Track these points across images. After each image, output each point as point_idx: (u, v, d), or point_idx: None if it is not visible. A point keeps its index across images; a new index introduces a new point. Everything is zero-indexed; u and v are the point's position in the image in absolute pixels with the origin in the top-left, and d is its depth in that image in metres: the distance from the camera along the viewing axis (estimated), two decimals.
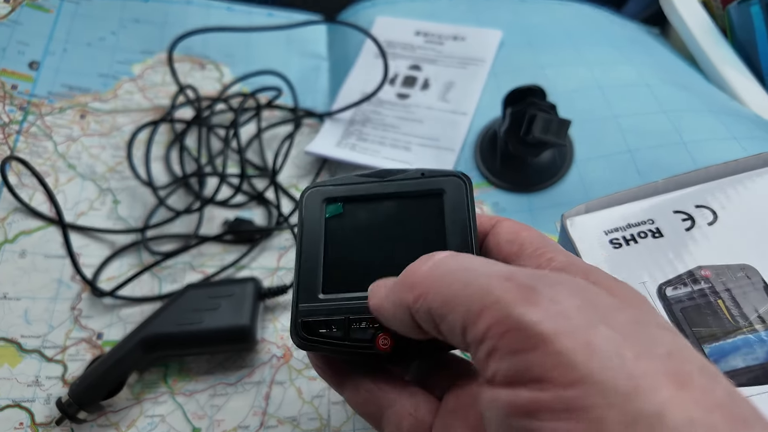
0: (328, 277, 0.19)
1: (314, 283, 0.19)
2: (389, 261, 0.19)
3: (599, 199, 0.26)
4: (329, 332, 0.18)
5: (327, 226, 0.20)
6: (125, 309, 0.33)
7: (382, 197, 0.21)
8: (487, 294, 0.13)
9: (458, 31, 0.45)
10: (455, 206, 0.20)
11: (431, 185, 0.20)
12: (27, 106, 0.39)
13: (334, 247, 0.20)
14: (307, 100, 0.43)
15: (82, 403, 0.28)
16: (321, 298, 0.19)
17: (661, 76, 0.42)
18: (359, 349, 0.18)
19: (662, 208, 0.26)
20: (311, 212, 0.21)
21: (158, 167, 0.39)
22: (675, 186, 0.27)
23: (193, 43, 0.44)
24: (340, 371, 0.19)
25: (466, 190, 0.20)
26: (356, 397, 0.19)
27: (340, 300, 0.19)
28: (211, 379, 0.31)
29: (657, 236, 0.25)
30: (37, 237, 0.34)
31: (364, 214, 0.20)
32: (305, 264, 0.20)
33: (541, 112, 0.29)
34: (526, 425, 0.12)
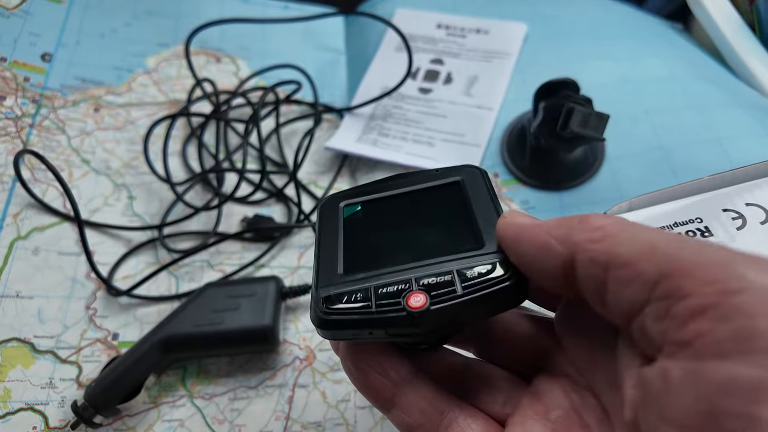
0: (348, 260, 0.18)
1: (334, 266, 0.18)
2: (414, 242, 0.18)
3: (643, 196, 0.25)
4: (352, 303, 0.16)
5: (346, 223, 0.20)
6: (141, 308, 0.32)
7: (400, 194, 0.20)
8: (706, 251, 0.11)
9: (481, 24, 0.43)
10: (475, 190, 0.19)
11: (447, 176, 0.20)
12: (40, 99, 0.38)
13: (353, 236, 0.19)
14: (325, 94, 0.42)
15: (99, 406, 0.27)
16: (341, 275, 0.18)
17: (690, 71, 0.41)
18: (387, 312, 0.16)
19: (710, 207, 0.25)
20: (329, 215, 0.20)
21: (175, 163, 0.38)
22: (721, 183, 0.26)
23: (208, 36, 0.43)
24: (384, 385, 0.17)
25: (482, 176, 0.20)
26: (407, 419, 0.16)
27: (362, 276, 0.17)
28: (231, 381, 0.30)
29: (706, 235, 0.24)
30: (51, 233, 0.33)
31: (383, 210, 0.20)
32: (324, 255, 0.19)
33: (579, 106, 0.28)
34: (744, 410, 0.09)
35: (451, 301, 0.15)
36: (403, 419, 0.16)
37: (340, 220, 0.20)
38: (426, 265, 0.17)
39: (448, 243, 0.18)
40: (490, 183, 0.19)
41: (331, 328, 0.16)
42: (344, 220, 0.20)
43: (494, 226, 0.17)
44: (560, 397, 0.16)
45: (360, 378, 0.17)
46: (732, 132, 0.36)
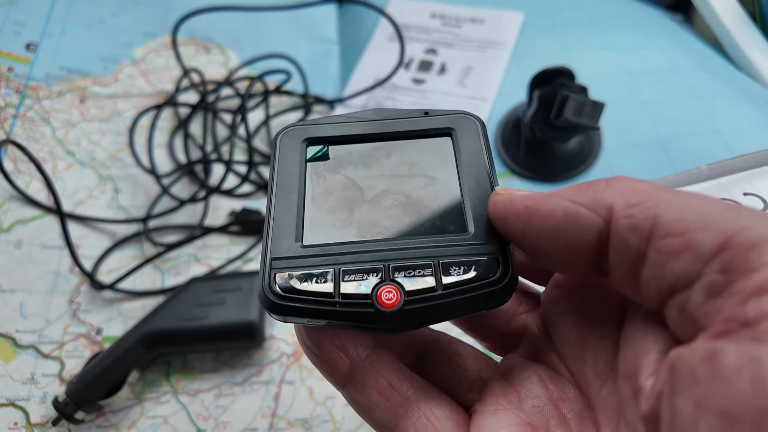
0: (310, 225, 0.15)
1: (290, 230, 0.15)
2: (389, 210, 0.15)
3: None
4: (311, 287, 0.13)
5: (309, 169, 0.16)
6: (126, 303, 0.31)
7: (377, 137, 0.17)
8: (761, 220, 0.10)
9: (476, 13, 0.42)
10: (468, 149, 0.16)
11: (438, 123, 0.17)
12: (24, 90, 0.37)
13: (316, 189, 0.16)
14: (317, 85, 0.41)
15: (80, 402, 0.26)
16: (300, 247, 0.14)
17: (690, 61, 0.40)
18: (353, 307, 0.13)
19: (731, 190, 0.24)
20: (288, 156, 0.16)
21: (161, 154, 0.37)
22: (720, 172, 0.25)
23: (197, 26, 0.42)
24: (340, 359, 0.14)
25: (479, 130, 0.16)
26: (363, 397, 0.14)
27: (325, 250, 0.14)
28: (216, 377, 0.29)
29: None
30: (34, 226, 0.33)
31: (355, 156, 0.16)
32: (279, 212, 0.15)
33: (573, 94, 0.27)
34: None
35: (429, 302, 0.13)
36: (359, 398, 0.15)
37: (301, 164, 0.16)
38: (402, 248, 0.14)
39: (430, 220, 0.15)
40: (487, 141, 0.16)
41: (283, 313, 0.14)
42: (307, 165, 0.16)
43: (486, 204, 0.14)
44: (536, 386, 0.14)
45: (314, 350, 0.15)
46: (732, 123, 0.35)
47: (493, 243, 0.14)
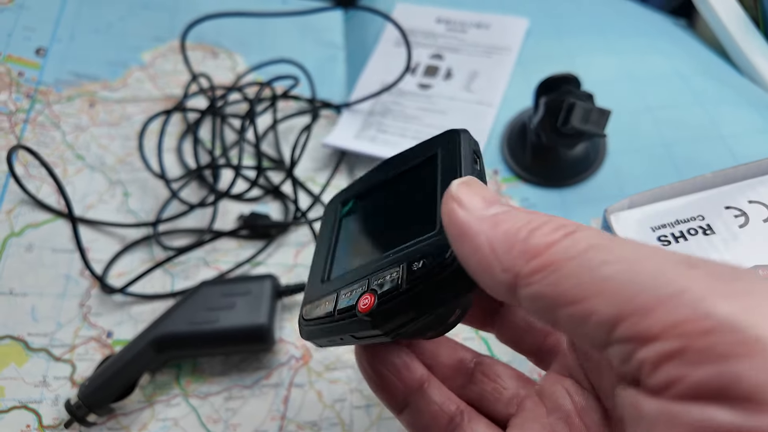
0: (332, 265, 0.19)
1: (319, 274, 0.19)
2: (382, 235, 0.18)
3: (643, 193, 0.24)
4: (321, 311, 0.17)
5: (341, 223, 0.20)
6: (136, 306, 0.31)
7: (386, 183, 0.19)
8: (667, 282, 0.10)
9: (482, 18, 0.43)
10: (447, 161, 0.16)
11: (426, 152, 0.18)
12: (34, 94, 0.37)
13: (342, 237, 0.20)
14: (323, 90, 0.41)
15: (92, 405, 0.26)
16: (322, 283, 0.18)
17: (694, 67, 0.40)
18: (345, 318, 0.15)
19: (712, 204, 0.24)
20: (329, 217, 0.21)
21: (170, 159, 0.38)
22: (724, 180, 0.25)
23: (205, 31, 0.43)
24: (396, 386, 0.16)
25: (457, 141, 0.17)
26: (418, 421, 0.16)
27: (336, 282, 0.18)
28: (226, 380, 0.29)
29: (708, 233, 0.23)
30: (45, 230, 0.33)
31: (373, 204, 0.20)
32: (315, 262, 0.19)
33: (579, 101, 0.27)
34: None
35: (397, 299, 0.14)
36: (415, 422, 0.17)
37: (336, 221, 0.20)
38: (383, 260, 0.16)
39: (409, 231, 0.16)
40: (467, 147, 0.16)
41: (309, 337, 0.17)
42: (340, 221, 0.20)
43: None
44: (563, 398, 0.15)
45: (374, 378, 0.17)
46: (736, 129, 0.35)
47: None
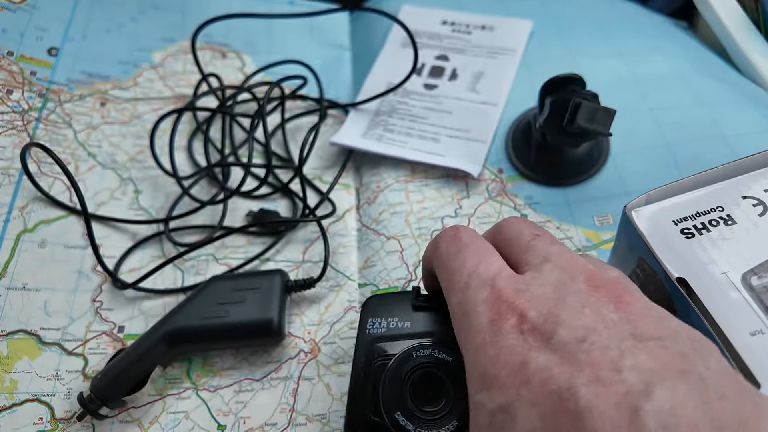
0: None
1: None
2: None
3: (659, 188, 0.25)
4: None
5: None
6: (147, 301, 0.32)
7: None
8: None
9: (486, 20, 0.43)
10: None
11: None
12: (46, 93, 0.38)
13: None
14: (330, 90, 0.42)
15: (105, 398, 0.27)
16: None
17: (695, 68, 0.41)
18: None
19: (729, 194, 0.24)
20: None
21: (181, 157, 0.38)
22: (736, 171, 0.25)
23: (214, 32, 0.43)
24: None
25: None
26: None
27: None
28: (236, 374, 0.30)
29: (730, 223, 0.23)
30: (57, 226, 0.33)
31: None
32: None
33: (585, 101, 0.28)
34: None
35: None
36: None
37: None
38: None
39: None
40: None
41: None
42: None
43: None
44: None
45: None
46: (737, 129, 0.36)
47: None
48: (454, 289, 0.18)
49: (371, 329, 0.23)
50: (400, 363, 0.20)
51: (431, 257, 0.21)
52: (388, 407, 0.19)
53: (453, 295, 0.18)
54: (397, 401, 0.20)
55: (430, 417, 0.19)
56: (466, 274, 0.18)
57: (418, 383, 0.20)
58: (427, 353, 0.20)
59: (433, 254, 0.21)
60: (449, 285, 0.19)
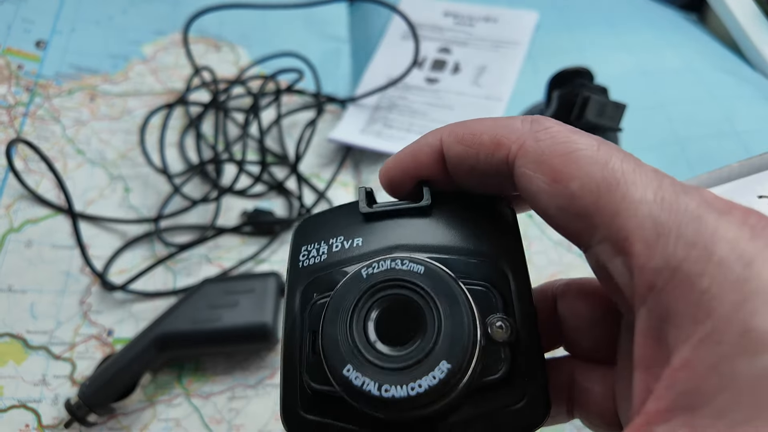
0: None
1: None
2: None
3: None
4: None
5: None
6: (137, 304, 0.31)
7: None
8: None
9: (490, 12, 0.42)
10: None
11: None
12: (34, 88, 0.37)
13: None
14: (328, 84, 0.41)
15: (93, 404, 0.26)
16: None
17: (706, 62, 0.40)
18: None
19: (744, 193, 0.23)
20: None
21: (172, 154, 0.37)
22: (750, 170, 0.24)
23: (207, 24, 0.42)
24: None
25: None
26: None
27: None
28: (229, 380, 0.29)
29: None
30: (44, 226, 0.32)
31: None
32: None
33: (594, 95, 0.26)
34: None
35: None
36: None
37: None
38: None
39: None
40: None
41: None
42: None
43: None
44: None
45: None
46: (749, 124, 0.34)
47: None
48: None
49: (306, 260, 0.15)
50: (345, 291, 0.13)
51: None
52: (332, 362, 0.12)
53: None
54: (345, 351, 0.12)
55: (401, 363, 0.12)
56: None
57: (380, 319, 0.13)
58: (384, 267, 0.13)
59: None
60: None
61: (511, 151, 0.13)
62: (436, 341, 0.12)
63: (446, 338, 0.12)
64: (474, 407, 0.13)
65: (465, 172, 0.15)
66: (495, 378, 0.13)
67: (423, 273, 0.13)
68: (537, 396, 0.13)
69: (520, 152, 0.13)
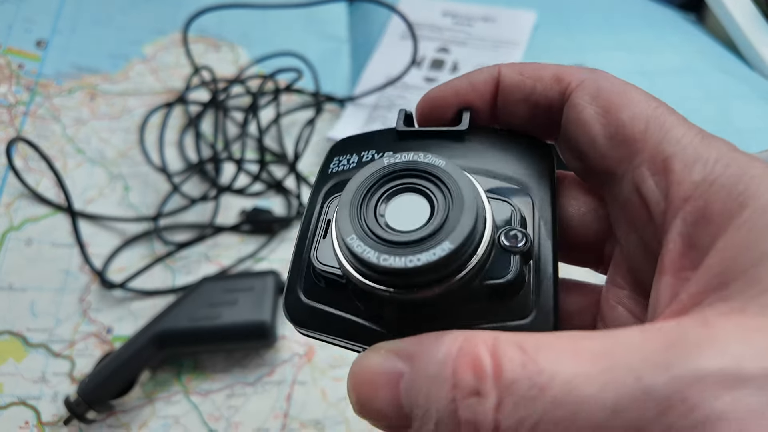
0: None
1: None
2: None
3: None
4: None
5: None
6: (136, 302, 0.31)
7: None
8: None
9: (488, 12, 0.42)
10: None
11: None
12: (34, 87, 0.37)
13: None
14: (327, 84, 0.41)
15: (92, 402, 0.26)
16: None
17: (704, 62, 0.40)
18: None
19: None
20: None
21: (171, 153, 0.37)
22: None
23: (207, 23, 0.42)
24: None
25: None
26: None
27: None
28: (228, 378, 0.29)
29: None
30: (44, 224, 0.32)
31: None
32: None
33: None
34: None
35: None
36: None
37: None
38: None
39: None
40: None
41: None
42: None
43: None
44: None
45: None
46: (747, 123, 0.34)
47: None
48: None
49: (335, 167, 0.16)
50: (365, 173, 0.13)
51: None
52: (339, 232, 0.12)
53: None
54: (353, 223, 0.12)
55: (405, 239, 0.12)
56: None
57: (393, 204, 0.13)
58: (407, 158, 0.13)
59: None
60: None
61: (570, 86, 0.14)
62: (443, 224, 0.12)
63: (453, 222, 0.12)
64: (476, 314, 0.13)
65: (515, 102, 0.15)
66: (499, 282, 0.12)
67: (444, 167, 0.13)
68: (544, 315, 0.13)
69: (579, 87, 0.14)
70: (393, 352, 0.11)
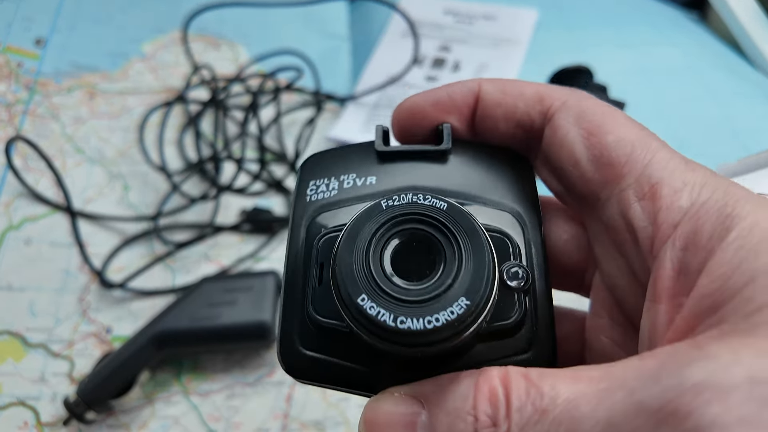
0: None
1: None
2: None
3: None
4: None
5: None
6: (136, 302, 0.31)
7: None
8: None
9: (490, 10, 0.42)
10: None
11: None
12: (33, 85, 0.37)
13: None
14: (327, 82, 0.41)
15: (91, 402, 0.26)
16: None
17: (707, 60, 0.39)
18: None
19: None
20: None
21: (171, 152, 0.37)
22: (749, 167, 0.24)
23: (207, 22, 0.42)
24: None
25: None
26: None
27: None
28: (227, 378, 0.29)
29: None
30: (43, 224, 0.32)
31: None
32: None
33: (593, 94, 0.26)
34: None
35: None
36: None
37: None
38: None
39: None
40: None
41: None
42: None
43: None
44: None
45: None
46: (749, 123, 0.34)
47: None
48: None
49: (314, 194, 0.15)
50: (363, 220, 0.12)
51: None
52: (346, 291, 0.11)
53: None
54: (360, 280, 0.11)
55: (419, 297, 0.11)
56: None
57: (396, 253, 0.12)
58: (406, 200, 0.12)
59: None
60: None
61: (553, 106, 0.14)
62: (456, 277, 0.11)
63: (467, 275, 0.11)
64: (482, 353, 0.13)
65: (495, 119, 0.15)
66: (507, 323, 0.12)
67: (446, 209, 0.12)
68: (544, 347, 0.13)
69: (563, 107, 0.14)
70: (408, 395, 0.12)
